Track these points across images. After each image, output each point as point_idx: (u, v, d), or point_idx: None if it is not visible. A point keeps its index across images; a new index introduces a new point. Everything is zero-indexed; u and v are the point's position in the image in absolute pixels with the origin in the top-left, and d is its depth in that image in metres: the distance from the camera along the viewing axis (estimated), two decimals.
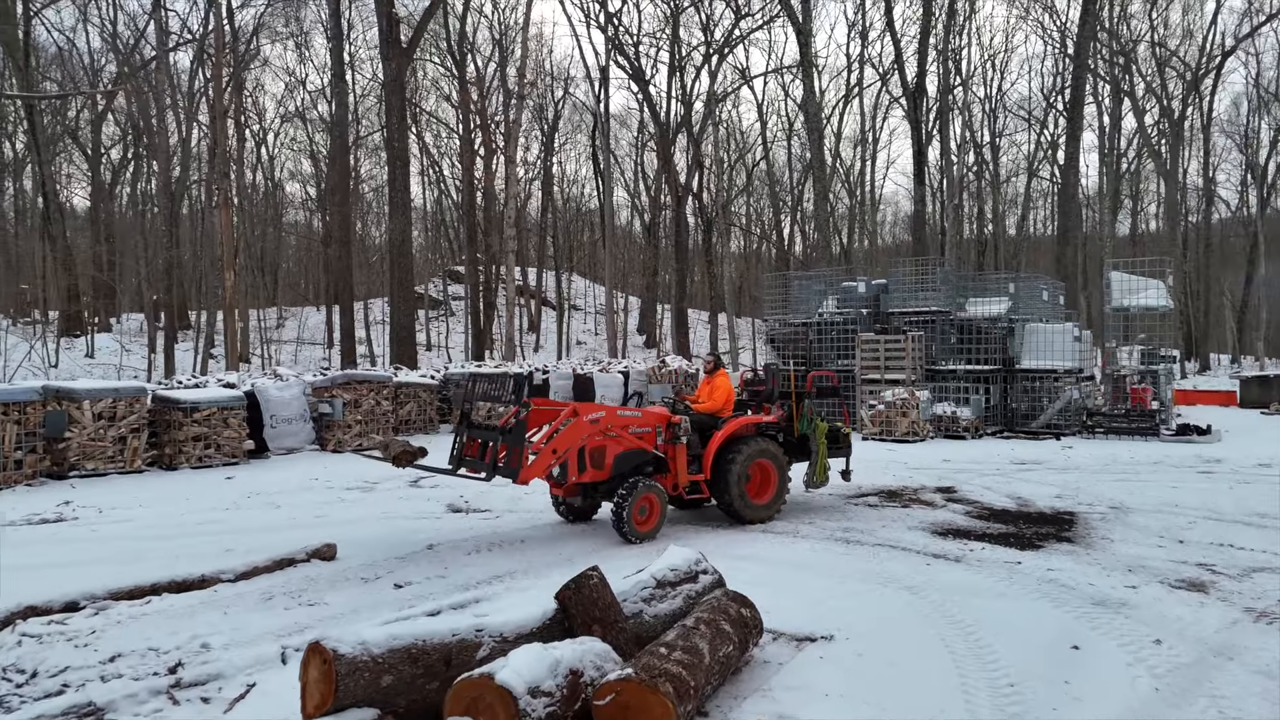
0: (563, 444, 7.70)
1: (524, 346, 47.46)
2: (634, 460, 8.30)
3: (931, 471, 12.54)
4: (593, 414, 8.01)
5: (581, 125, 52.97)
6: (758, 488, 9.04)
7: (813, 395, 9.98)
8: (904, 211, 65.47)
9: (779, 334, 20.72)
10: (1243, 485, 10.85)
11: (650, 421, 8.52)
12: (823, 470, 9.76)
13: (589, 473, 8.10)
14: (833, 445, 9.92)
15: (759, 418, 9.34)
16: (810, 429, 9.71)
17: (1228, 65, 44.47)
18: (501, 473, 7.31)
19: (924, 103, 32.97)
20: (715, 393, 9.25)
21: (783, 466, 9.18)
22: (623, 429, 8.22)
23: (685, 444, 8.55)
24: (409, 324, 23.88)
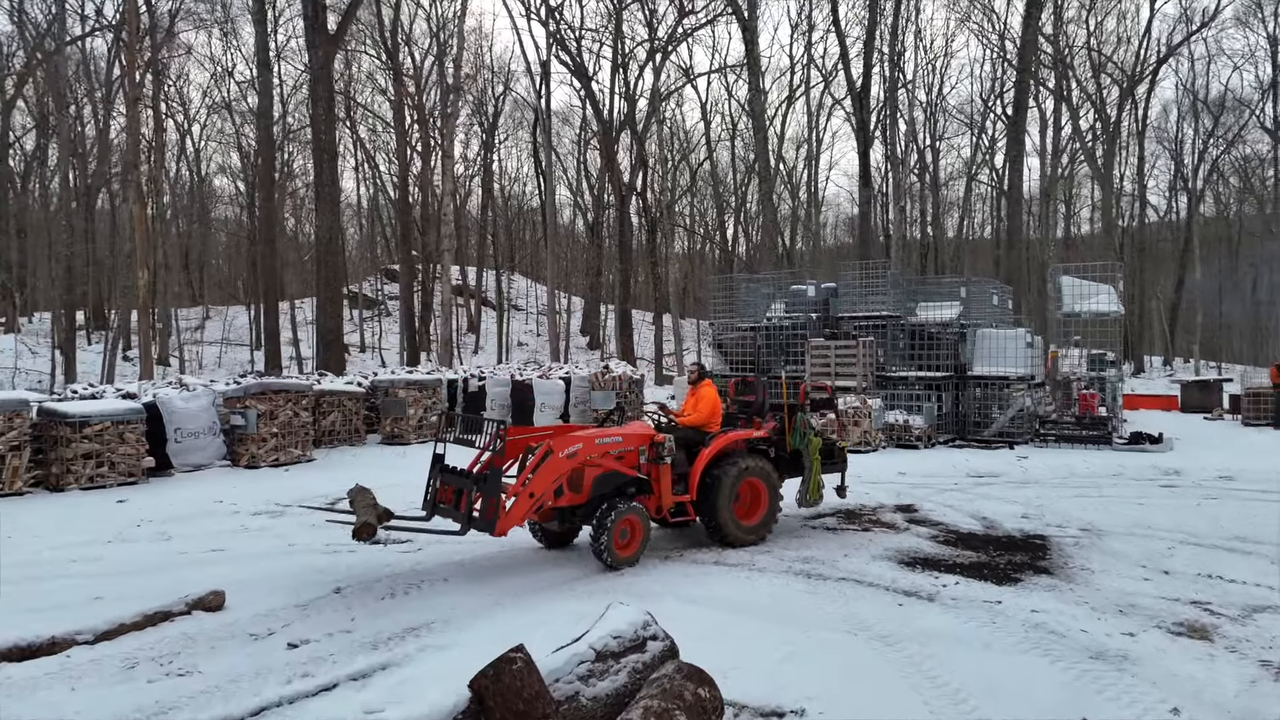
0: (540, 486, 7.15)
1: (462, 348, 46.17)
2: (614, 482, 7.74)
3: (888, 486, 11.89)
4: (569, 448, 7.36)
5: (523, 122, 51.85)
6: (748, 507, 8.51)
7: (806, 408, 9.37)
8: (845, 214, 65.80)
9: (725, 338, 20.00)
10: (1211, 501, 10.41)
11: (632, 441, 7.92)
12: (816, 488, 9.15)
13: (566, 496, 7.53)
14: (827, 461, 9.34)
15: (748, 432, 8.77)
16: (803, 444, 9.09)
17: (1161, 72, 45.35)
18: (477, 525, 6.79)
19: (869, 102, 32.66)
20: (701, 405, 8.67)
21: (774, 484, 8.65)
22: (602, 455, 7.62)
23: (669, 464, 7.98)
24: (336, 326, 22.59)
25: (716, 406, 8.73)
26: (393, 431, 17.04)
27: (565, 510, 7.80)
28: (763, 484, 8.54)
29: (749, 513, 8.50)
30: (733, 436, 8.58)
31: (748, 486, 8.49)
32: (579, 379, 19.08)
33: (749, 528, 8.40)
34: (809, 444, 9.09)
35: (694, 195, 57.80)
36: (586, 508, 7.67)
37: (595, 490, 7.61)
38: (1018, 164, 28.22)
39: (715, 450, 8.34)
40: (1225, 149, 48.24)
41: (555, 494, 7.40)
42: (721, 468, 8.24)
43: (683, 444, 8.33)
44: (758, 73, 27.60)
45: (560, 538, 8.27)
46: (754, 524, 8.46)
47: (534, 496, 7.11)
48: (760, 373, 18.77)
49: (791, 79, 48.07)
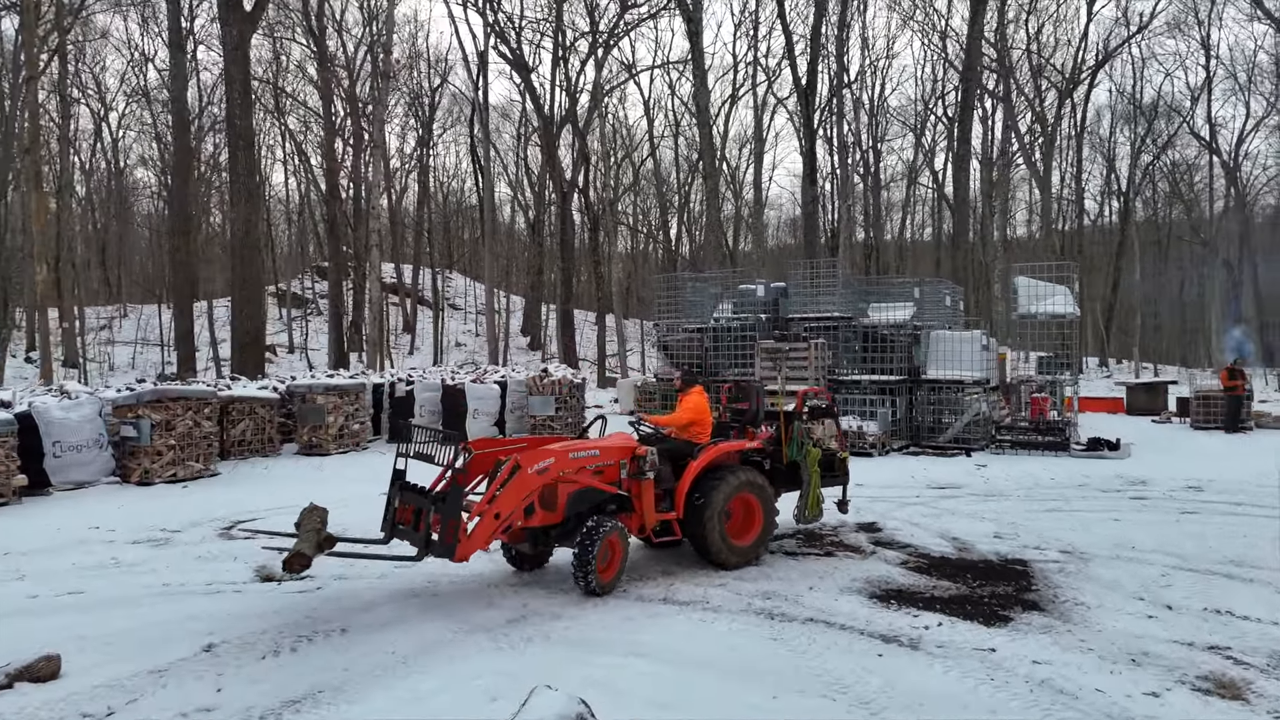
0: (507, 505, 6.45)
1: (395, 349, 44.49)
2: (592, 499, 7.08)
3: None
4: (539, 463, 6.64)
5: (461, 117, 50.29)
6: (740, 525, 7.78)
7: (803, 416, 8.57)
8: (787, 215, 65.61)
9: (671, 340, 19.05)
10: (1188, 517, 9.77)
11: (611, 455, 7.20)
12: (815, 502, 8.39)
13: (538, 516, 6.83)
14: (826, 473, 8.58)
15: (741, 444, 8.03)
16: (801, 455, 8.31)
17: (1097, 76, 45.88)
18: (435, 551, 6.16)
19: (814, 99, 32.08)
20: (687, 414, 8.03)
21: (769, 500, 7.92)
22: (577, 471, 6.94)
23: (652, 479, 7.30)
24: (255, 327, 21.03)
25: (705, 415, 8.06)
26: (310, 441, 15.70)
27: (538, 531, 7.05)
28: (757, 500, 7.79)
29: (742, 531, 7.75)
30: (724, 448, 7.82)
31: (740, 503, 7.75)
32: (515, 383, 17.92)
33: (742, 548, 7.65)
34: (807, 455, 8.31)
35: (637, 194, 56.93)
36: (561, 528, 7.01)
37: (571, 508, 6.94)
38: (963, 164, 27.88)
39: (704, 463, 7.61)
40: (1158, 154, 49.08)
41: (526, 513, 6.71)
42: (711, 482, 7.52)
43: (669, 457, 7.65)
44: (702, 66, 26.76)
45: (534, 560, 7.52)
46: (747, 543, 7.71)
47: (500, 517, 6.40)
48: (707, 375, 17.86)
49: (735, 77, 47.51)
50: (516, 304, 53.56)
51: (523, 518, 6.71)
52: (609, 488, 7.11)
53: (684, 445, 7.83)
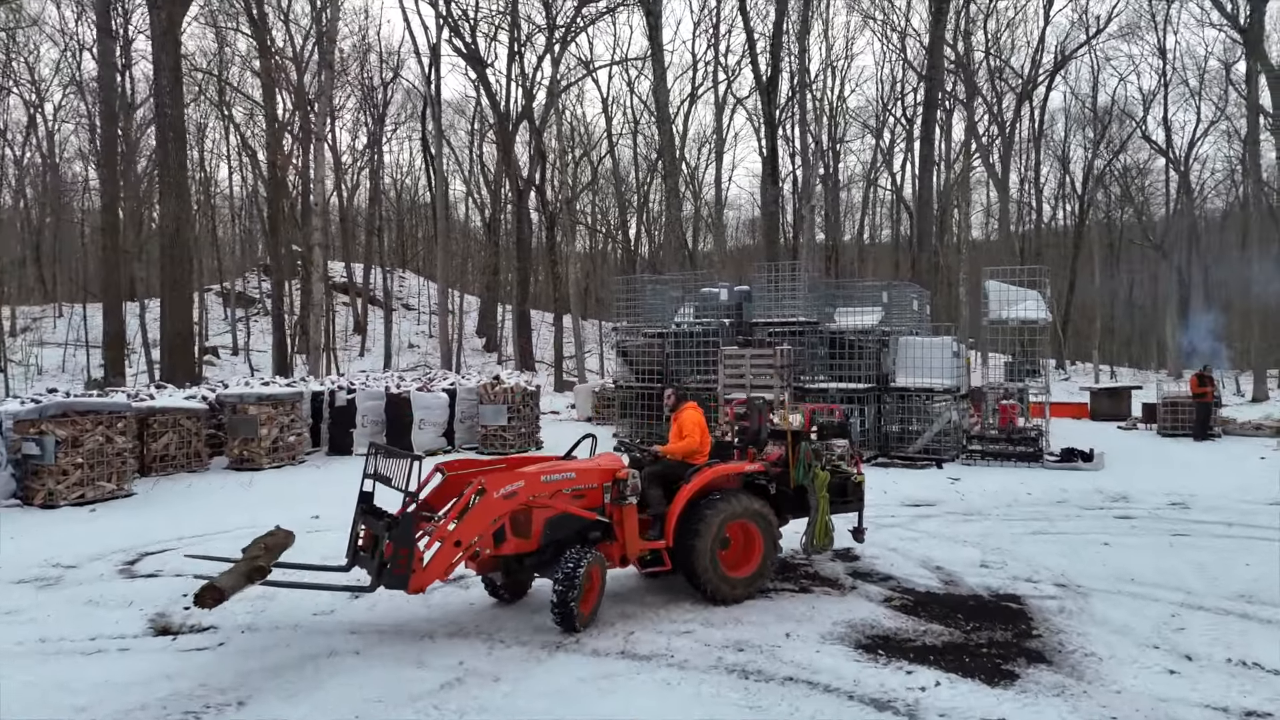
0: (470, 532, 5.97)
1: (345, 350, 43.07)
2: (570, 526, 6.52)
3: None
4: (506, 487, 6.14)
5: (415, 112, 48.85)
6: (738, 556, 7.14)
7: (811, 437, 7.84)
8: (746, 216, 65.14)
9: (630, 345, 18.20)
10: (1181, 540, 9.17)
11: (591, 478, 6.69)
12: (823, 531, 7.71)
13: (510, 543, 6.31)
14: (838, 499, 7.90)
15: (740, 465, 7.44)
16: (808, 479, 7.61)
17: (1055, 80, 46.04)
18: (387, 581, 5.73)
19: (776, 96, 31.46)
20: (686, 435, 7.38)
21: (771, 528, 7.22)
22: (553, 495, 6.42)
23: (635, 505, 6.74)
24: (186, 330, 19.75)
25: (702, 432, 7.40)
26: (242, 455, 14.58)
27: (511, 559, 6.52)
28: (756, 528, 7.12)
29: (739, 562, 7.10)
30: (720, 470, 7.22)
31: (739, 531, 7.12)
32: (465, 391, 16.95)
33: (738, 580, 6.98)
34: (815, 479, 7.61)
35: (595, 193, 56.05)
36: (537, 556, 6.47)
37: (548, 536, 6.40)
38: (927, 165, 27.44)
39: (698, 487, 7.00)
40: (1112, 158, 49.46)
41: (496, 540, 6.23)
42: (707, 507, 6.90)
43: (660, 480, 7.14)
44: (662, 62, 25.97)
45: (512, 590, 6.96)
46: (745, 575, 7.04)
47: (461, 545, 5.94)
48: (668, 382, 17.06)
49: (694, 76, 46.82)
50: (472, 304, 52.34)
51: (492, 545, 6.23)
52: (588, 514, 6.54)
53: (678, 467, 7.22)
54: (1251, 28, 27.56)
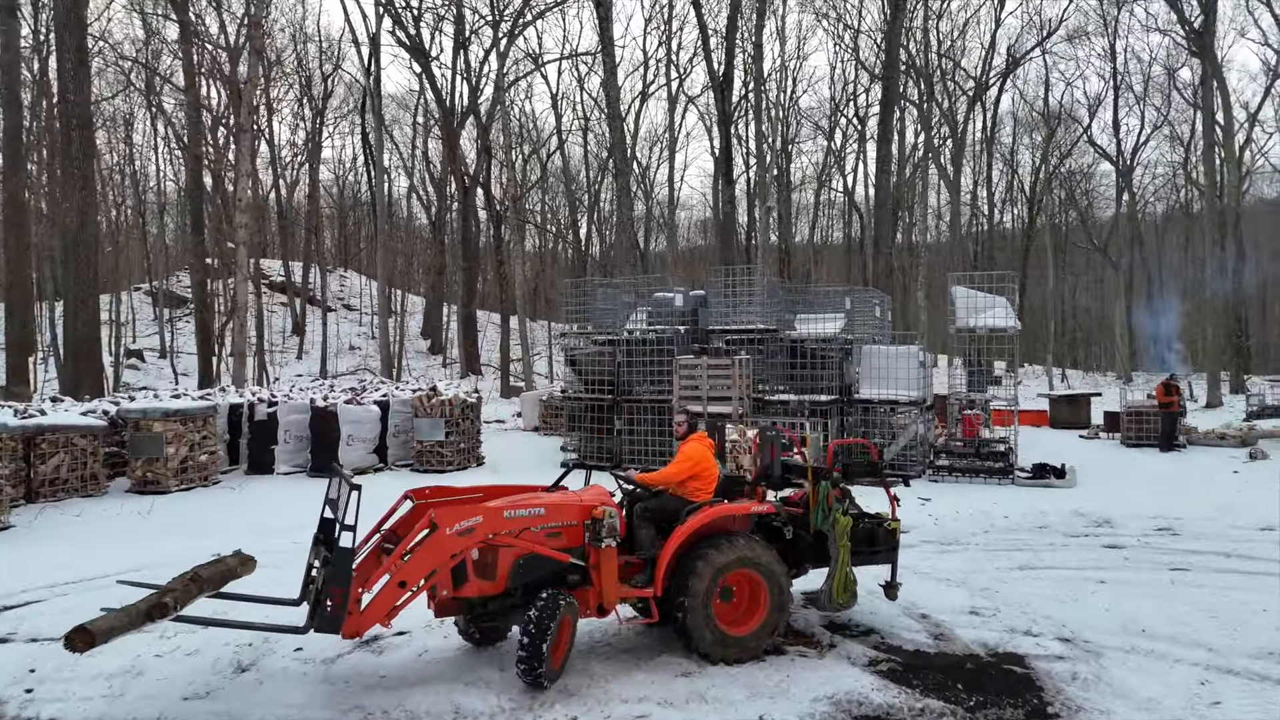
0: (416, 572, 5.40)
1: (283, 352, 41.19)
2: (543, 568, 5.79)
3: None
4: (462, 523, 5.48)
5: (358, 106, 47.09)
6: (741, 610, 6.25)
7: (832, 475, 6.77)
8: (698, 216, 64.38)
9: (579, 353, 17.06)
10: (1182, 578, 8.35)
11: (570, 514, 5.94)
12: (843, 586, 6.59)
13: (472, 585, 5.63)
14: (866, 549, 6.82)
15: (745, 506, 6.53)
16: (828, 525, 6.58)
17: (1006, 82, 46.04)
18: (318, 625, 5.22)
19: (731, 93, 30.58)
20: (684, 469, 6.51)
21: (778, 579, 6.24)
22: (519, 532, 5.70)
23: (614, 548, 5.91)
24: (91, 335, 18.08)
25: (706, 468, 6.55)
26: (145, 477, 13.14)
27: (475, 603, 5.81)
28: (761, 579, 6.18)
29: (741, 617, 6.22)
30: (724, 510, 6.35)
31: (744, 581, 6.23)
32: (399, 403, 15.66)
33: (736, 639, 6.07)
34: (835, 525, 6.56)
35: (545, 191, 54.78)
36: (503, 600, 5.79)
37: (515, 579, 5.72)
38: (884, 166, 26.78)
39: (694, 529, 6.15)
40: (1060, 162, 49.72)
41: (456, 580, 5.58)
42: (703, 552, 6.05)
43: (654, 519, 6.35)
44: (612, 55, 24.86)
45: (486, 635, 6.29)
46: (745, 634, 6.12)
47: (406, 586, 5.37)
48: (620, 393, 15.99)
49: (645, 74, 45.83)
50: (417, 305, 50.65)
51: (451, 587, 5.59)
52: (559, 554, 5.78)
53: (676, 504, 6.39)
54: (1205, 31, 27.45)
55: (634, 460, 15.52)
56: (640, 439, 15.56)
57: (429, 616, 6.23)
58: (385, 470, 15.28)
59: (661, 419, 15.29)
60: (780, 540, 6.63)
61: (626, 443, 15.72)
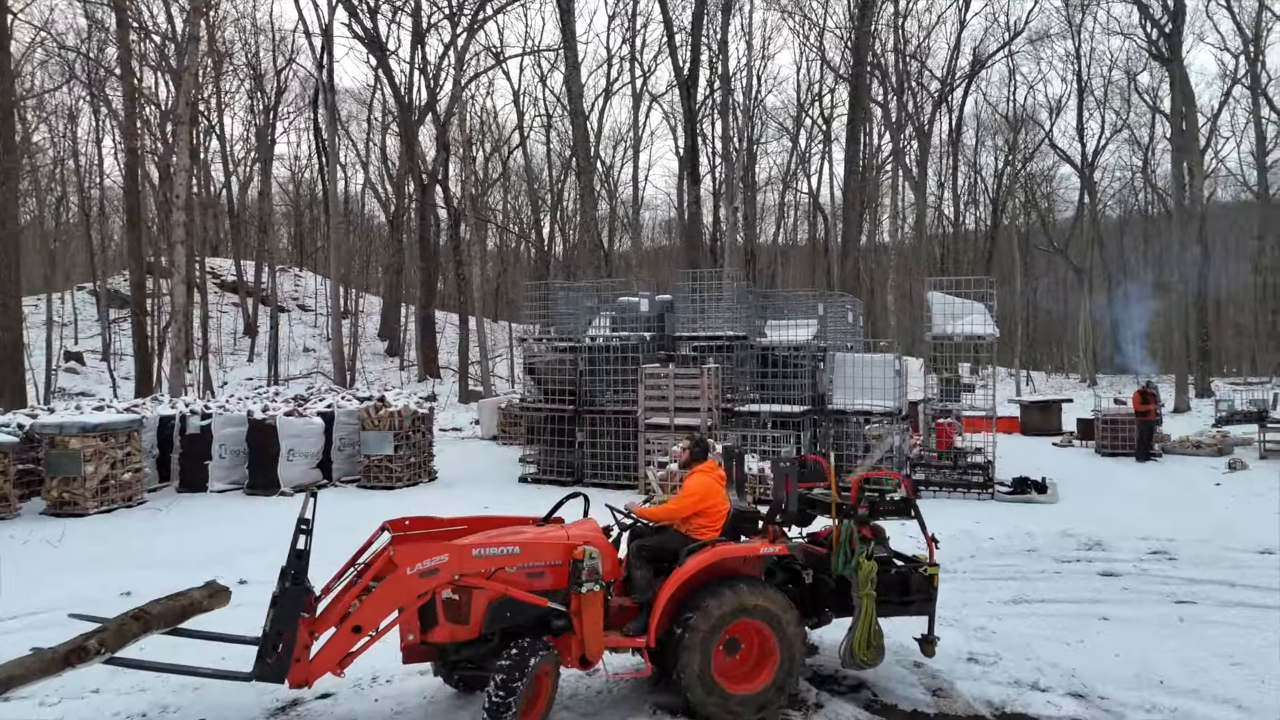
0: (373, 616, 4.99)
1: (231, 356, 39.71)
2: (522, 614, 5.20)
3: None
4: (424, 562, 5.02)
5: (312, 101, 45.61)
6: (749, 665, 5.51)
7: (856, 513, 5.94)
8: (663, 216, 63.66)
9: (539, 361, 16.16)
10: (1190, 613, 7.71)
11: (551, 553, 5.33)
12: (866, 640, 5.67)
13: (443, 629, 5.12)
14: (896, 598, 5.95)
15: (753, 546, 5.73)
16: (850, 569, 5.74)
17: (970, 85, 45.93)
18: (262, 674, 4.74)
19: (696, 91, 29.85)
20: (686, 504, 5.86)
21: (789, 631, 5.47)
22: (492, 574, 5.13)
23: (599, 593, 5.27)
24: (13, 340, 16.80)
25: (713, 502, 5.87)
26: (62, 498, 12.02)
27: (448, 649, 5.25)
28: (771, 631, 5.44)
29: (747, 674, 5.49)
30: (729, 551, 5.60)
31: (750, 633, 5.48)
32: (345, 414, 14.65)
33: (739, 699, 5.34)
34: (859, 570, 5.71)
35: (508, 190, 53.73)
36: (477, 646, 5.19)
37: (491, 623, 5.13)
38: (852, 166, 26.20)
39: (694, 571, 5.44)
40: (1023, 164, 49.80)
41: (425, 624, 5.11)
42: (702, 599, 5.34)
43: (652, 558, 5.70)
44: (574, 49, 24.01)
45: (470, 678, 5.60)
46: (750, 693, 5.39)
47: (361, 631, 4.95)
48: (581, 403, 15.13)
49: (609, 72, 44.93)
50: (375, 305, 49.31)
51: (419, 631, 5.11)
52: (536, 599, 5.19)
53: (677, 542, 5.73)
54: (1174, 33, 27.30)
55: (595, 475, 14.67)
56: (603, 452, 14.71)
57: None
58: (329, 487, 14.27)
59: (626, 430, 14.47)
60: (799, 585, 5.88)
61: (588, 456, 14.87)
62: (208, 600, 5.24)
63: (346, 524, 11.57)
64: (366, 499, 13.53)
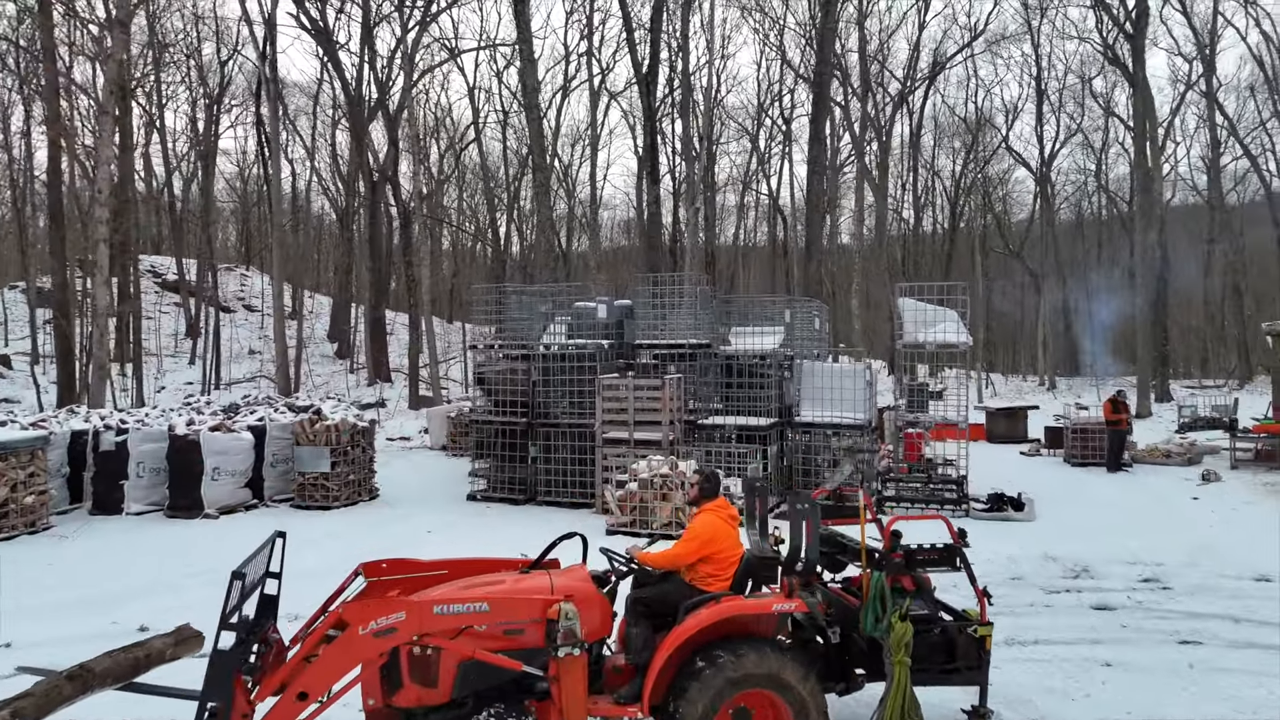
0: (320, 681, 4.23)
1: (172, 359, 38.03)
2: (493, 678, 4.51)
3: None
4: (380, 620, 4.30)
5: (254, 93, 43.95)
6: None
7: (888, 563, 5.14)
8: (621, 216, 62.81)
9: (489, 371, 15.18)
10: (1198, 655, 7.06)
11: (527, 609, 4.56)
12: (900, 713, 4.80)
13: (410, 692, 4.43)
14: (939, 664, 5.12)
15: (765, 602, 4.84)
16: (881, 631, 4.89)
17: (930, 87, 45.80)
18: None
19: (655, 87, 29.05)
20: (690, 549, 5.14)
21: (808, 703, 4.63)
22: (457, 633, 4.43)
23: (579, 657, 4.50)
24: None
25: (722, 547, 5.12)
26: None
27: (415, 714, 4.55)
28: (785, 704, 4.61)
29: None
30: (735, 609, 4.75)
31: (762, 704, 4.65)
32: (278, 428, 13.57)
33: None
34: (891, 632, 4.86)
35: (463, 188, 52.50)
36: (449, 712, 4.52)
37: (463, 686, 4.49)
38: (817, 167, 25.60)
39: (695, 630, 4.64)
40: (981, 167, 49.89)
41: (387, 687, 4.45)
42: (702, 665, 4.56)
43: (649, 613, 4.99)
44: (529, 39, 23.02)
45: None
46: None
47: (307, 699, 4.23)
48: (534, 416, 14.20)
49: (567, 68, 43.93)
50: (326, 305, 47.78)
51: (381, 696, 4.47)
52: (511, 662, 4.47)
53: (679, 594, 4.99)
54: (1137, 34, 27.15)
55: (549, 493, 13.77)
56: (557, 468, 13.81)
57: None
58: (260, 507, 13.19)
59: (582, 445, 13.58)
60: (821, 644, 5.06)
61: (542, 472, 13.96)
62: (173, 649, 4.44)
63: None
64: (301, 520, 12.49)
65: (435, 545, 10.94)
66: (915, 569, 5.25)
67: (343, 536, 11.34)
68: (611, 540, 11.09)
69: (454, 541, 10.94)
